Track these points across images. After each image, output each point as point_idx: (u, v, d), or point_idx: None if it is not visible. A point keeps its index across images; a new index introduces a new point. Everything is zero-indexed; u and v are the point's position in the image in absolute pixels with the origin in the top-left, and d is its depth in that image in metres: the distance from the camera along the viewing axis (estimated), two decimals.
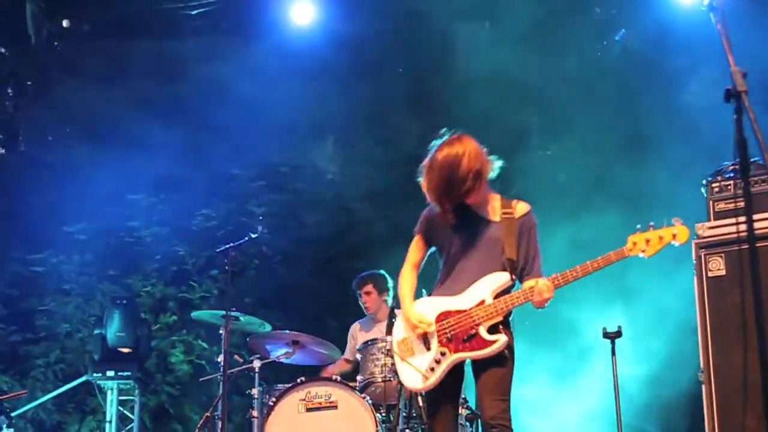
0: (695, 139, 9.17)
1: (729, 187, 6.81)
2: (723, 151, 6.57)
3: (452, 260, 5.73)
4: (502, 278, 5.56)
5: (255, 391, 8.11)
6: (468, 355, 5.51)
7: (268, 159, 11.55)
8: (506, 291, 5.58)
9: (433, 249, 5.89)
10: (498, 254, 5.60)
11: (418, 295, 5.80)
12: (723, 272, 6.63)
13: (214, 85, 11.02)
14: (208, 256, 11.26)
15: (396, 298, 6.14)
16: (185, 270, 11.57)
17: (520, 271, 5.62)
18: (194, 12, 11.08)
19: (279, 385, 8.05)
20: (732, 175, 6.81)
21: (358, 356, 8.02)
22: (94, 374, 10.00)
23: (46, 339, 11.20)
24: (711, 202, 6.87)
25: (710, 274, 6.66)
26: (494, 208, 5.74)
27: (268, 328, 8.56)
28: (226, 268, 8.23)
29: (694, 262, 6.72)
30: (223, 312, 8.14)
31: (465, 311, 5.55)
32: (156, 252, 11.59)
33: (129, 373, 9.98)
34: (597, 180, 9.97)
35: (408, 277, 5.89)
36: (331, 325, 10.82)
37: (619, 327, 7.30)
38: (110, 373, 9.95)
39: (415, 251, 5.94)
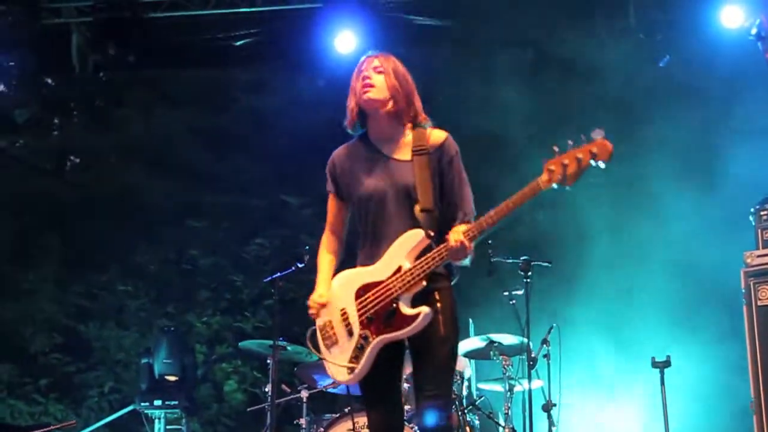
0: (740, 166, 9.12)
1: None
2: None
3: (364, 216, 4.69)
4: (415, 237, 4.47)
5: (303, 421, 8.09)
6: (391, 337, 4.47)
7: (316, 187, 11.59)
8: (429, 249, 4.47)
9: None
10: (411, 205, 4.53)
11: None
12: None
13: (261, 114, 11.13)
14: (262, 285, 11.34)
15: None
16: (240, 300, 11.67)
17: (448, 218, 4.56)
18: (238, 43, 11.13)
19: (327, 415, 7.98)
20: None
21: (406, 386, 7.83)
22: (142, 403, 10.03)
23: (101, 369, 11.31)
24: (759, 230, 6.84)
25: (759, 303, 6.64)
26: (406, 143, 4.68)
27: (315, 357, 8.53)
28: (274, 297, 8.24)
29: (743, 291, 6.69)
30: (271, 342, 8.15)
31: (382, 282, 4.52)
32: (212, 281, 11.73)
33: (176, 402, 9.98)
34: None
35: (325, 244, 4.95)
36: None
37: (668, 356, 7.27)
38: (157, 403, 9.96)
39: (330, 212, 4.97)
